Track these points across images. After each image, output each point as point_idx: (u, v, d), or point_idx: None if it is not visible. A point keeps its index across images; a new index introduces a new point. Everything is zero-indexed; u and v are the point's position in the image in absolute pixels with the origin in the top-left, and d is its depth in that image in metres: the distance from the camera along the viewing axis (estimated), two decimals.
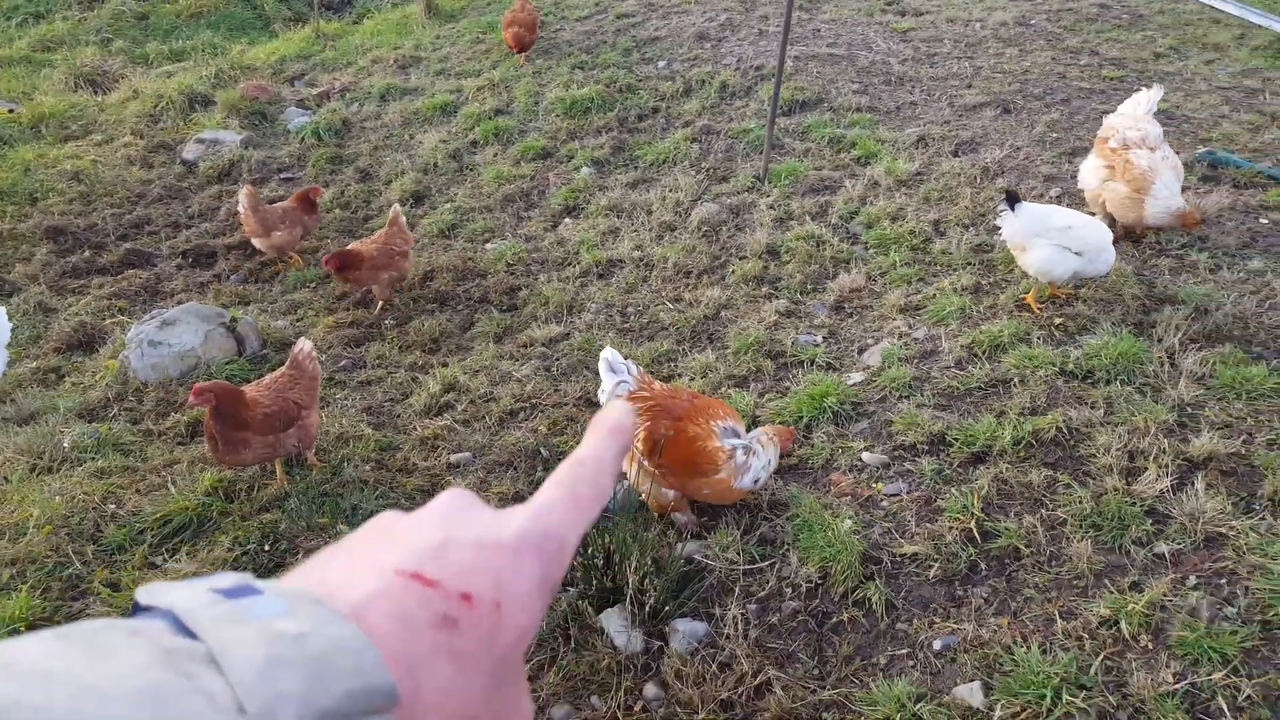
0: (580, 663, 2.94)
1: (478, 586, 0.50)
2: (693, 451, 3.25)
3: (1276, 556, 2.83)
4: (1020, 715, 2.52)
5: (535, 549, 0.54)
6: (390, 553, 0.50)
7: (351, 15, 13.01)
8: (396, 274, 5.66)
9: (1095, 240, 4.23)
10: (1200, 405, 3.63)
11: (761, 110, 7.41)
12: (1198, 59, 8.15)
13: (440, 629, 0.47)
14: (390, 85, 9.22)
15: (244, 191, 5.97)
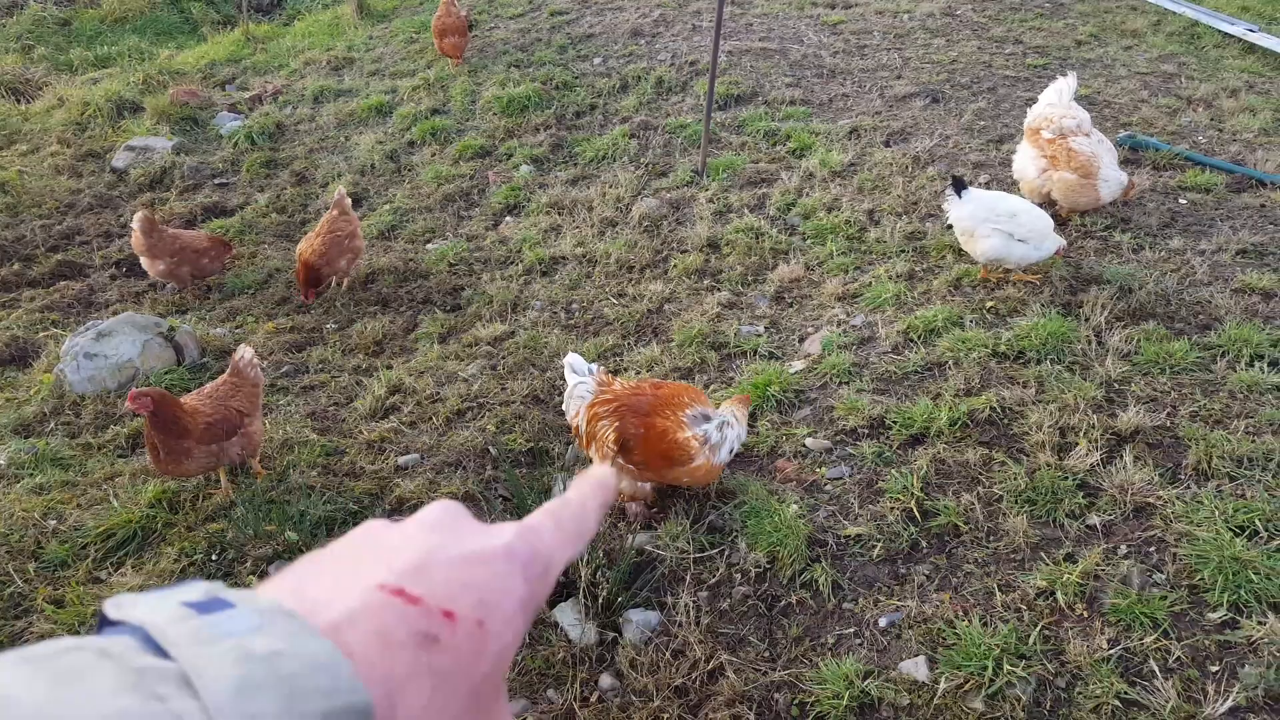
0: (535, 657, 2.97)
1: (461, 604, 0.49)
2: (665, 445, 3.27)
3: (1201, 523, 2.97)
4: (964, 686, 2.61)
5: (522, 567, 0.53)
6: (374, 567, 0.49)
7: (282, 17, 12.80)
8: (352, 255, 5.72)
9: (1040, 227, 4.37)
10: (1126, 381, 3.78)
11: (698, 105, 7.48)
12: (1117, 45, 8.43)
13: (421, 647, 0.46)
14: (324, 87, 9.10)
15: (139, 215, 5.68)
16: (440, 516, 0.56)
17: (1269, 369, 3.71)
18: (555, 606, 3.11)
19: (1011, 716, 2.50)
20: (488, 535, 0.55)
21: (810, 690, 2.71)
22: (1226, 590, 2.72)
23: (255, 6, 12.92)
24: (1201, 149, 6.19)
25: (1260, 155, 6.00)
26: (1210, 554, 2.82)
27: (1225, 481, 3.16)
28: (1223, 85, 7.27)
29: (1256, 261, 4.66)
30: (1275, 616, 2.63)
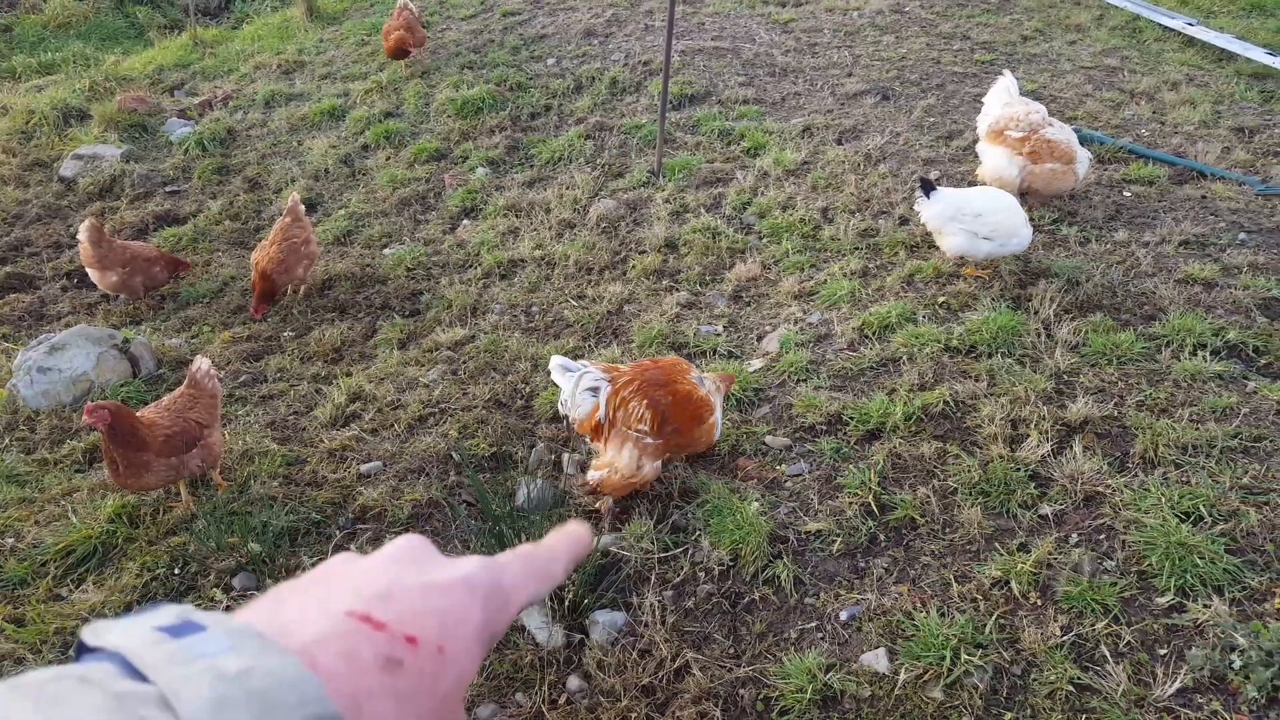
0: (503, 662, 2.99)
1: (423, 630, 0.52)
2: (694, 405, 3.45)
3: (1148, 510, 3.07)
4: (923, 677, 2.68)
5: (483, 598, 0.56)
6: (342, 595, 0.52)
7: (230, 21, 12.61)
8: (309, 261, 5.68)
9: (1007, 226, 4.46)
10: (1075, 372, 3.88)
11: (652, 105, 7.51)
12: (1061, 40, 8.60)
13: (385, 670, 0.49)
14: (275, 91, 8.99)
15: (86, 224, 5.58)
16: (405, 549, 0.59)
17: (1211, 358, 3.83)
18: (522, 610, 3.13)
19: (970, 705, 2.57)
20: (451, 566, 0.58)
21: (774, 685, 2.76)
22: (1173, 575, 2.81)
23: (202, 10, 12.71)
24: (1144, 142, 6.35)
25: (1200, 147, 6.16)
26: (1157, 540, 2.91)
27: (1171, 469, 3.26)
28: (1164, 79, 7.46)
29: (1198, 252, 4.80)
30: (1219, 599, 2.72)
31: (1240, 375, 3.75)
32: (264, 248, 5.56)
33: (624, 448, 3.42)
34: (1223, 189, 5.51)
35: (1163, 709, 2.48)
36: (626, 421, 3.39)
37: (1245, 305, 4.21)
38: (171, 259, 5.93)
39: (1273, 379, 3.71)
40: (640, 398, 3.40)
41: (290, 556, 3.48)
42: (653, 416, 3.38)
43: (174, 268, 5.93)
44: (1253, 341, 3.91)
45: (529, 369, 4.65)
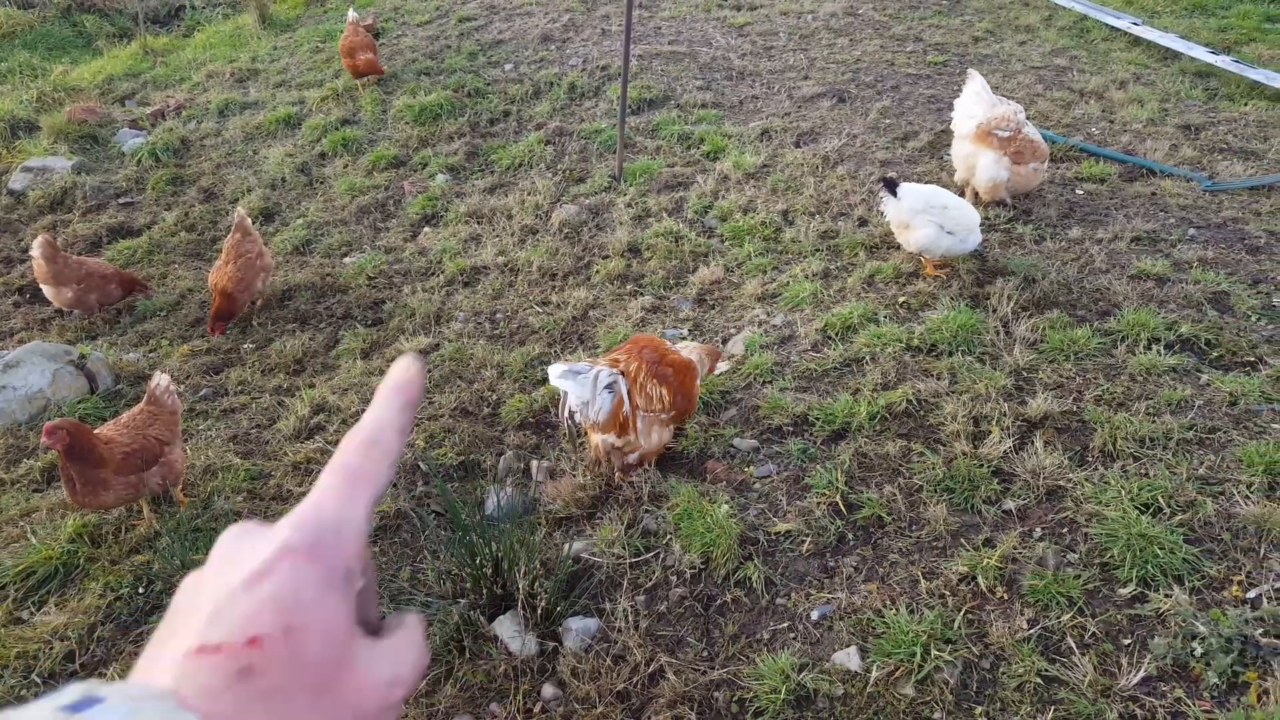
0: (477, 672, 2.97)
1: (262, 626, 0.51)
2: (686, 367, 3.68)
3: (1109, 503, 3.13)
4: (894, 674, 2.71)
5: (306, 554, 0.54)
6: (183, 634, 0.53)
7: (181, 29, 12.41)
8: (266, 273, 5.61)
9: (967, 222, 4.55)
10: (1034, 369, 3.95)
11: (611, 110, 7.52)
12: (1012, 41, 8.76)
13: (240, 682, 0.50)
14: (229, 100, 8.87)
15: (39, 240, 5.48)
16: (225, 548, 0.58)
17: (1165, 352, 3.93)
18: (494, 620, 3.12)
19: (940, 700, 2.61)
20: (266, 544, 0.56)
21: (748, 686, 2.77)
22: (1135, 566, 2.88)
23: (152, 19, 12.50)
24: (1095, 140, 6.48)
25: (1149, 145, 6.31)
26: (1119, 532, 2.97)
27: (1129, 462, 3.34)
28: (1112, 77, 7.62)
29: (1150, 248, 4.92)
30: (1180, 589, 2.79)
31: (1193, 368, 3.84)
32: (220, 268, 5.46)
33: (652, 430, 3.63)
34: (1171, 186, 5.65)
35: (1128, 698, 2.53)
36: (649, 406, 3.57)
37: (1196, 299, 4.31)
38: (129, 278, 5.82)
39: (1224, 371, 3.81)
40: (650, 378, 3.56)
41: None
42: (668, 392, 3.58)
43: (130, 287, 5.81)
44: (1204, 335, 4.01)
45: (495, 376, 4.63)
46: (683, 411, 3.71)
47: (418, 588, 3.34)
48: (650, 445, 3.67)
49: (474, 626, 3.08)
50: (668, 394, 3.58)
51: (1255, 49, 8.05)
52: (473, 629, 3.07)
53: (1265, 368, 3.79)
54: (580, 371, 3.48)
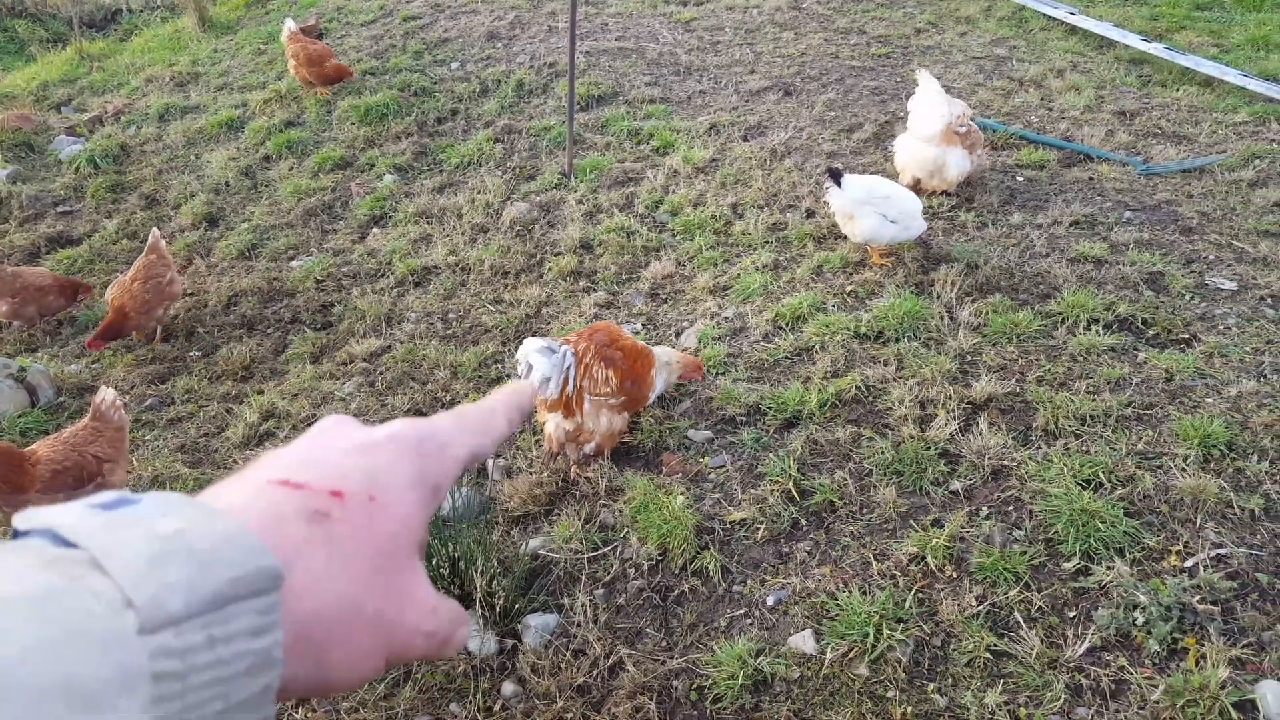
0: (435, 673, 2.97)
1: (349, 484, 0.53)
2: (638, 352, 3.68)
3: (1052, 480, 3.21)
4: (849, 655, 2.76)
5: (411, 449, 0.57)
6: (261, 470, 0.54)
7: (117, 33, 12.14)
8: (171, 301, 5.38)
9: (910, 210, 4.62)
10: (978, 352, 4.03)
11: (560, 107, 7.51)
12: (953, 32, 8.90)
13: (312, 522, 0.50)
14: (169, 104, 8.71)
15: None
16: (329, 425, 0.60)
17: (1104, 332, 4.03)
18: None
19: (894, 679, 2.66)
20: (375, 429, 0.59)
21: (707, 674, 2.80)
22: (1078, 540, 2.95)
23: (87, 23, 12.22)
24: (1034, 127, 6.62)
25: (1086, 131, 6.46)
26: (1062, 508, 3.05)
27: (1071, 439, 3.42)
28: (1050, 66, 7.78)
29: (1088, 232, 5.04)
30: (1121, 561, 2.87)
31: (1131, 347, 3.95)
32: (125, 285, 5.21)
33: (600, 414, 3.62)
34: (1108, 170, 5.79)
35: (1074, 668, 2.60)
36: (595, 389, 3.56)
37: (1133, 280, 4.43)
38: (69, 283, 5.68)
39: (1160, 349, 3.92)
40: (597, 359, 3.56)
41: None
42: (615, 375, 3.56)
43: (72, 293, 5.68)
44: (1141, 314, 4.12)
45: (448, 377, 4.62)
46: (635, 400, 3.71)
47: None
48: (601, 431, 3.66)
49: None
50: (615, 376, 3.57)
51: (1185, 36, 8.27)
52: None
53: (1199, 344, 3.91)
54: (555, 350, 3.53)
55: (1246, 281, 4.37)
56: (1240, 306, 4.17)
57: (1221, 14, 8.86)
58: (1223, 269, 4.51)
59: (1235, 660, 2.51)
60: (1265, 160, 5.69)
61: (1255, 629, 2.60)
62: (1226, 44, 7.99)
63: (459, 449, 0.61)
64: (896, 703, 2.59)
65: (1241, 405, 3.46)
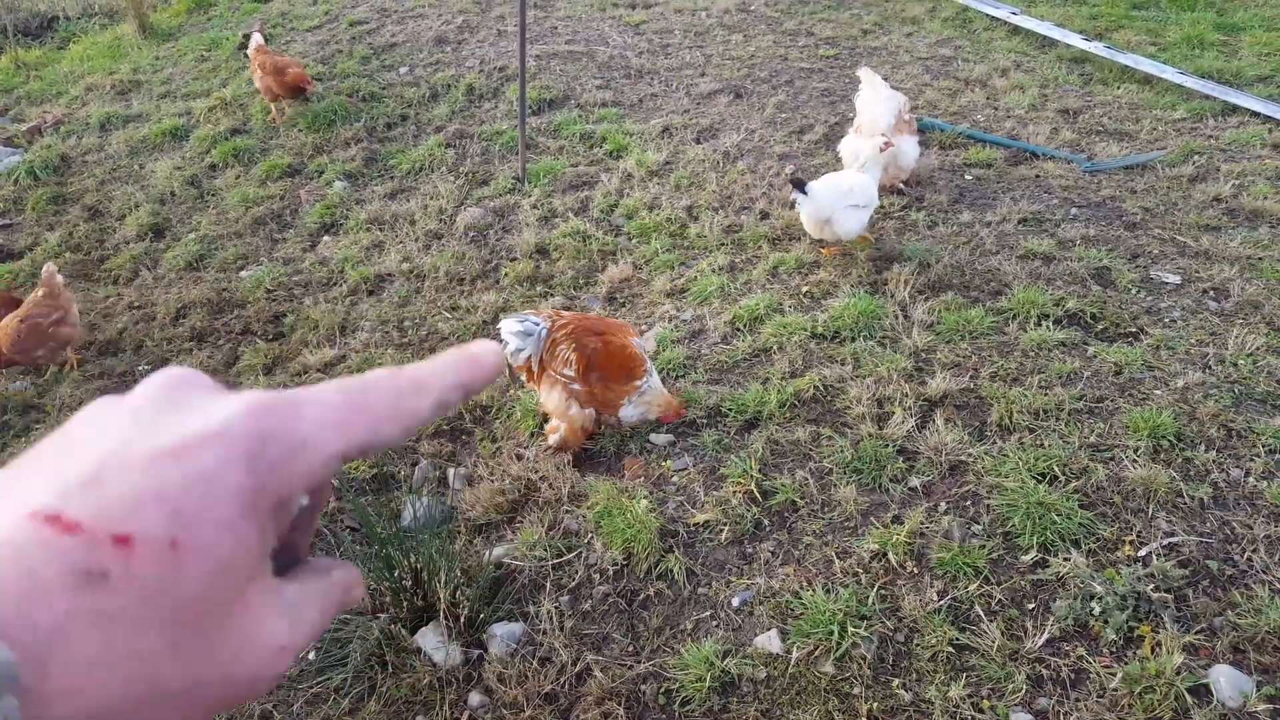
0: (400, 686, 2.93)
1: (143, 523, 0.38)
2: (625, 356, 3.65)
3: (1008, 474, 3.27)
4: (814, 653, 2.78)
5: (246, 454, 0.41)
6: (42, 480, 0.39)
7: (55, 41, 11.80)
8: (57, 345, 5.04)
9: (870, 190, 4.72)
10: (932, 350, 4.09)
11: (511, 111, 7.47)
12: (899, 33, 9.02)
13: (81, 589, 0.36)
14: (111, 114, 8.50)
15: None
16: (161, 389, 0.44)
17: (1054, 327, 4.11)
18: (417, 632, 3.08)
19: (859, 675, 2.68)
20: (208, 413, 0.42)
21: (674, 677, 2.81)
22: (1035, 533, 3.01)
23: (22, 30, 11.86)
24: (981, 126, 6.73)
25: (1031, 129, 6.59)
26: (1018, 502, 3.11)
27: (1025, 434, 3.49)
28: (994, 66, 7.92)
29: (1036, 229, 5.13)
30: (1077, 552, 2.93)
31: (1081, 341, 4.03)
32: (4, 321, 4.96)
33: (553, 391, 3.65)
34: (1053, 168, 5.91)
35: (1035, 660, 2.65)
36: (554, 363, 3.61)
37: (1081, 275, 4.53)
38: (5, 299, 5.51)
39: (1109, 343, 4.01)
40: (570, 341, 3.60)
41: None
42: (578, 358, 3.58)
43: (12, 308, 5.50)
44: (1089, 309, 4.21)
45: None
46: (603, 401, 3.70)
47: None
48: (552, 409, 3.70)
49: (396, 641, 3.03)
50: (578, 361, 3.60)
51: (1124, 35, 8.47)
52: (395, 643, 3.03)
53: (1146, 337, 4.00)
54: (530, 333, 3.62)
55: (1190, 275, 4.49)
56: (1184, 300, 4.28)
57: (1158, 13, 9.09)
58: (1167, 263, 4.63)
59: (1189, 646, 2.58)
60: (1203, 156, 5.85)
61: (1207, 615, 2.67)
62: (1163, 42, 8.20)
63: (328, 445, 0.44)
64: (862, 699, 2.62)
65: (1189, 396, 3.56)
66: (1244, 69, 7.30)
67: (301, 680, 2.99)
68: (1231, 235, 4.82)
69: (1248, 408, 3.49)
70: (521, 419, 4.16)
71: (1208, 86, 6.89)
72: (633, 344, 3.72)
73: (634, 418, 3.80)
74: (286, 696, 2.95)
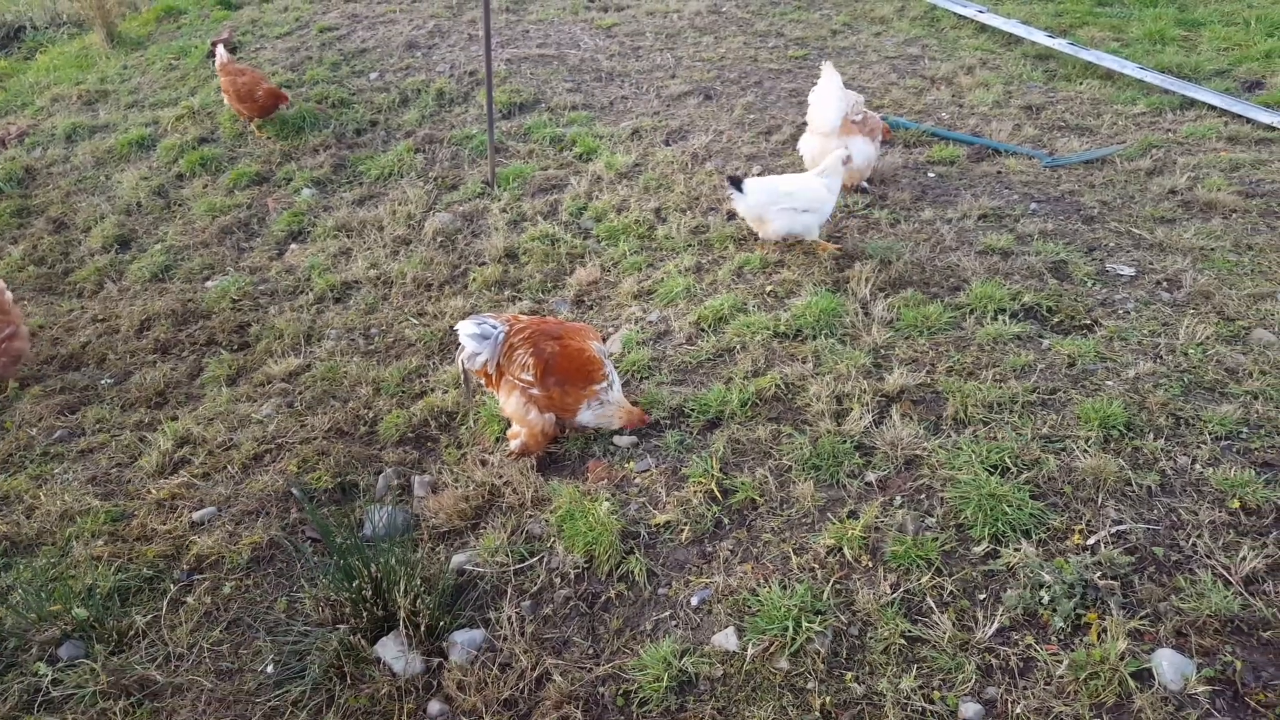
0: (359, 697, 2.93)
1: None
2: (582, 360, 3.66)
3: (961, 467, 3.30)
4: (770, 649, 2.80)
5: None
6: None
7: (20, 51, 11.71)
8: (9, 359, 5.06)
9: (818, 195, 4.76)
10: (891, 346, 4.12)
11: (481, 115, 7.48)
12: (868, 33, 9.08)
13: None
14: (77, 124, 8.46)
15: None
16: None
17: (1010, 321, 4.15)
18: (377, 642, 3.08)
19: (813, 670, 2.71)
20: None
21: (633, 678, 2.82)
22: (987, 525, 3.04)
23: None
24: (945, 124, 6.79)
25: (994, 126, 6.65)
26: (971, 494, 3.14)
27: (979, 427, 3.52)
28: (960, 64, 7.99)
29: (995, 224, 5.18)
30: (1027, 542, 2.96)
31: (1036, 334, 4.08)
32: None
33: (512, 396, 3.67)
34: (1015, 164, 5.97)
35: (985, 649, 2.68)
36: (512, 368, 3.64)
37: (1038, 270, 4.57)
38: None
39: (1064, 335, 4.06)
40: (527, 345, 3.63)
41: (122, 618, 3.30)
42: (535, 363, 3.60)
43: None
44: (1045, 302, 4.26)
45: (371, 393, 4.56)
46: (561, 406, 3.72)
47: (295, 618, 3.27)
48: (510, 413, 3.73)
49: (355, 651, 3.03)
50: (535, 365, 3.62)
51: (1088, 32, 8.56)
52: (354, 654, 3.03)
53: (1100, 329, 4.05)
54: (488, 336, 3.65)
55: (1144, 267, 4.55)
56: (1138, 291, 4.34)
57: (1121, 9, 9.19)
58: (1122, 255, 4.69)
59: (1134, 632, 2.61)
60: (1161, 149, 5.92)
61: (1152, 601, 2.71)
62: (1126, 38, 8.30)
63: None
64: (816, 694, 2.64)
65: (1139, 386, 3.60)
66: (1203, 63, 7.40)
67: (259, 694, 2.99)
68: (1185, 227, 4.88)
69: (1196, 396, 3.54)
70: (487, 424, 4.17)
71: (1167, 81, 6.97)
72: (591, 348, 3.73)
73: (592, 422, 3.82)
74: (244, 711, 2.95)
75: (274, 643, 3.18)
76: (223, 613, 3.36)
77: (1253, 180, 5.37)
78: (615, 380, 3.79)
